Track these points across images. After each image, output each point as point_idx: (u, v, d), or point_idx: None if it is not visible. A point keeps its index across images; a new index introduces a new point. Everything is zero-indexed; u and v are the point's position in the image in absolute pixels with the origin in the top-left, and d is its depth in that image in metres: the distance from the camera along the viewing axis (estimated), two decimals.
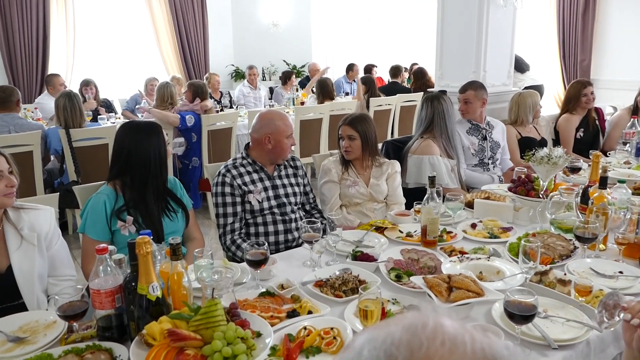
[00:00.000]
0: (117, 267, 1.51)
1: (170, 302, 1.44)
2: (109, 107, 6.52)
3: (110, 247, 1.49)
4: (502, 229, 2.32)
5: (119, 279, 1.47)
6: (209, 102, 5.07)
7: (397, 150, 3.36)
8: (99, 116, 5.53)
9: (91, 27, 8.36)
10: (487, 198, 2.63)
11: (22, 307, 1.81)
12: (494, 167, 3.52)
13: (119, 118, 5.97)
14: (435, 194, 2.15)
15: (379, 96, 6.32)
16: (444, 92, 3.40)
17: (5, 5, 7.41)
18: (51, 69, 7.77)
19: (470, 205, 2.62)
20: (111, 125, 4.63)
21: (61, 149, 4.21)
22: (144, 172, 2.14)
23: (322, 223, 2.07)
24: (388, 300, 1.72)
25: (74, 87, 6.56)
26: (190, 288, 1.47)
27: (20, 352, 1.45)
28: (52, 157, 4.58)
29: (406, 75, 8.21)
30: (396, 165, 2.88)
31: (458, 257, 1.98)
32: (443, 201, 2.34)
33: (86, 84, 6.18)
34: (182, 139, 4.98)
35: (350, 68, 8.33)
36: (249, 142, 2.57)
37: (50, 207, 1.97)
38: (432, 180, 2.15)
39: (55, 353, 1.41)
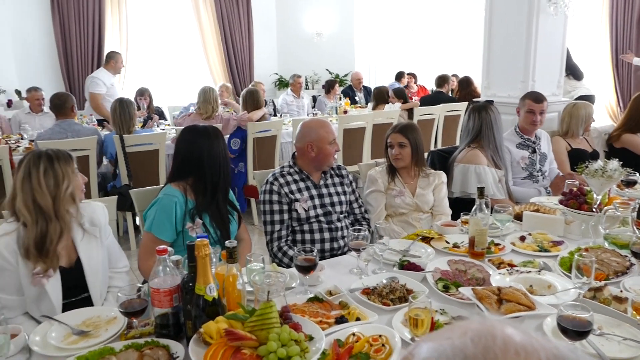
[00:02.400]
0: (175, 267, 1.57)
1: (224, 303, 1.49)
2: (161, 115, 6.77)
3: (169, 249, 1.56)
4: (553, 243, 2.28)
5: (177, 279, 1.53)
6: (259, 113, 5.17)
7: (443, 160, 3.35)
8: (149, 122, 5.74)
9: (143, 37, 8.69)
10: (537, 211, 2.58)
11: (85, 301, 1.90)
12: (543, 179, 3.45)
13: (169, 125, 6.18)
14: (484, 205, 2.13)
15: (415, 105, 6.31)
16: (490, 102, 3.36)
17: (64, 16, 7.82)
18: None
19: (518, 217, 2.58)
20: (161, 132, 4.79)
21: (115, 153, 4.40)
22: (216, 174, 2.22)
23: (369, 231, 2.09)
24: (436, 311, 1.72)
25: (125, 94, 6.84)
26: (244, 290, 1.52)
27: (84, 344, 1.54)
28: (105, 161, 4.78)
29: (453, 84, 8.10)
30: (442, 176, 2.88)
31: (507, 270, 1.96)
32: (491, 212, 2.32)
33: (141, 93, 6.46)
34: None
35: (402, 75, 8.40)
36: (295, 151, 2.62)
37: (102, 203, 2.08)
38: (481, 191, 2.14)
39: (116, 347, 1.48)
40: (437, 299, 1.81)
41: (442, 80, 7.53)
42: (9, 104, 7.46)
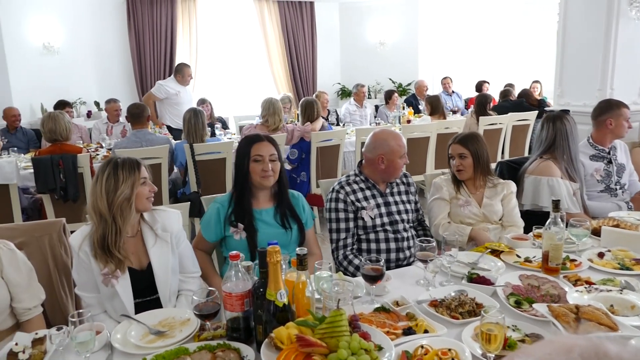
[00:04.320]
0: (246, 272, 1.62)
1: (294, 310, 1.51)
2: (223, 124, 7.00)
3: (242, 254, 1.60)
4: (635, 261, 2.14)
5: (248, 284, 1.57)
6: (318, 123, 5.22)
7: (512, 172, 3.24)
8: (217, 132, 5.95)
9: (211, 49, 9.06)
10: (617, 226, 2.44)
11: (156, 302, 1.99)
12: (622, 192, 3.24)
13: (234, 134, 6.37)
14: (559, 219, 2.04)
15: (490, 115, 6.13)
16: (566, 112, 3.22)
17: (139, 31, 8.30)
18: None
19: (595, 232, 2.45)
20: (228, 141, 4.95)
21: (185, 161, 4.58)
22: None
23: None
24: (508, 327, 1.66)
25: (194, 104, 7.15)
26: (313, 297, 1.54)
27: (161, 344, 1.61)
28: (175, 169, 4.99)
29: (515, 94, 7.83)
30: (512, 185, 2.78)
31: (585, 287, 1.86)
32: (566, 227, 2.22)
33: (202, 102, 6.73)
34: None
35: (443, 80, 8.27)
36: (361, 159, 2.62)
37: (178, 210, 2.16)
38: (556, 204, 2.05)
39: (190, 348, 1.54)
40: (509, 315, 1.74)
41: (506, 93, 7.32)
42: (89, 114, 7.98)
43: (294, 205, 2.38)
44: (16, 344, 1.49)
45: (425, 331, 1.63)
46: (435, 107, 6.31)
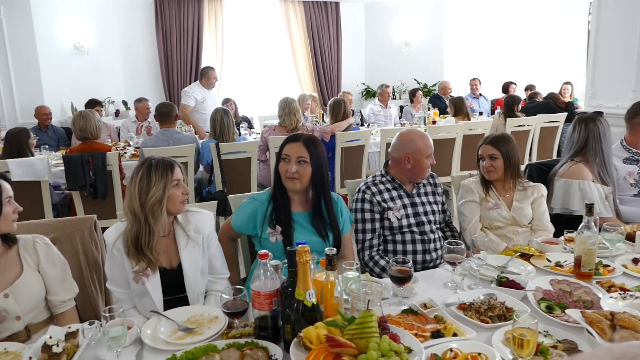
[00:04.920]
0: (274, 272, 1.62)
1: (322, 310, 1.51)
2: (249, 123, 7.05)
3: (270, 254, 1.61)
4: None
5: (276, 283, 1.58)
6: (345, 123, 5.21)
7: (542, 174, 3.18)
8: (242, 132, 5.99)
9: (236, 50, 9.14)
10: None
11: (185, 300, 2.01)
12: None
13: (259, 134, 6.40)
14: (592, 223, 2.00)
15: (518, 116, 6.03)
16: (599, 114, 3.14)
17: (166, 32, 8.42)
18: None
19: (630, 238, 2.38)
20: (254, 141, 4.97)
21: (211, 160, 4.63)
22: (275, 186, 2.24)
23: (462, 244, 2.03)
24: (539, 332, 1.63)
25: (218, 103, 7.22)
26: (341, 298, 1.54)
27: (189, 340, 1.63)
28: (201, 168, 5.04)
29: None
30: (542, 189, 2.73)
31: (620, 294, 1.82)
32: (599, 231, 2.17)
33: (226, 101, 6.79)
34: None
35: (471, 81, 8.16)
36: (388, 160, 2.60)
37: (210, 212, 2.17)
38: (589, 207, 2.00)
39: (219, 345, 1.55)
40: (540, 320, 1.70)
41: (533, 95, 7.20)
42: (117, 113, 8.13)
43: (333, 209, 2.26)
44: (50, 337, 1.52)
45: (454, 334, 1.61)
46: (459, 108, 6.25)
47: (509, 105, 6.18)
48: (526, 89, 8.17)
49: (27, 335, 1.86)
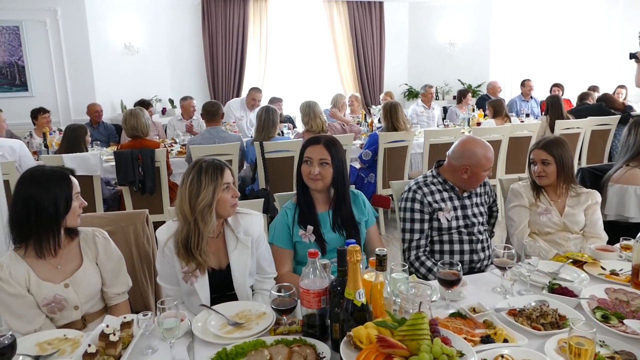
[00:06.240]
0: (323, 270, 1.63)
1: (371, 310, 1.51)
2: (292, 122, 7.12)
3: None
4: None
5: (325, 281, 1.59)
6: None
7: (595, 179, 3.08)
8: (285, 131, 6.05)
9: (280, 49, 9.21)
10: None
11: (233, 298, 2.04)
12: None
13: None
14: None
15: (567, 118, 5.84)
16: None
17: (212, 31, 8.59)
18: (245, 87, 8.80)
19: None
20: (297, 140, 5.00)
21: (255, 158, 4.69)
22: (298, 186, 2.32)
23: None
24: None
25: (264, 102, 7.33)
26: (391, 299, 1.53)
27: (238, 335, 1.66)
28: (245, 166, 5.12)
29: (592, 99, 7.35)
30: (597, 195, 2.63)
31: None
32: None
33: (276, 100, 6.88)
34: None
35: (522, 84, 7.89)
36: (439, 160, 2.56)
37: (260, 214, 2.19)
38: None
39: (267, 341, 1.58)
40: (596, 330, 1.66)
41: (584, 95, 6.94)
42: (163, 111, 8.35)
43: (353, 202, 2.34)
44: (107, 326, 1.58)
45: (505, 340, 1.58)
46: (498, 110, 6.12)
47: (554, 106, 5.97)
48: (590, 90, 7.84)
49: (83, 324, 1.94)
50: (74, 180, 1.91)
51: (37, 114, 5.96)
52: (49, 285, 1.85)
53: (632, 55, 2.70)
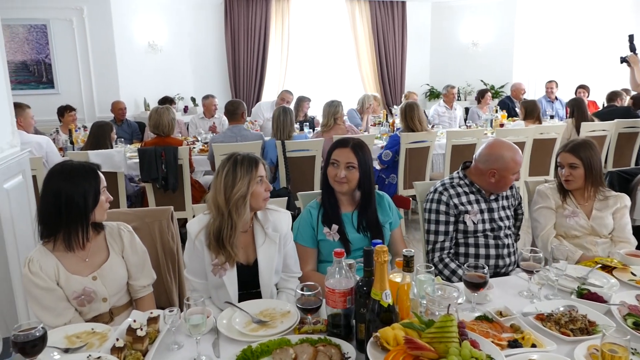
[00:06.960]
0: (349, 270, 1.62)
1: (397, 311, 1.50)
2: (310, 123, 7.11)
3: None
4: None
5: (351, 281, 1.58)
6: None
7: (624, 182, 3.03)
8: (306, 130, 6.05)
9: (301, 49, 9.22)
10: None
11: (257, 295, 2.05)
12: None
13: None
14: None
15: (592, 121, 5.73)
16: None
17: (234, 30, 8.64)
18: (266, 87, 8.84)
19: None
20: (319, 140, 5.00)
21: (276, 158, 4.71)
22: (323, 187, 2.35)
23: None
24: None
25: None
26: (417, 300, 1.52)
27: (263, 333, 1.66)
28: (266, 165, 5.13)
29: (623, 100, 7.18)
30: (626, 199, 2.58)
31: None
32: None
33: (305, 99, 6.94)
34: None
35: (547, 83, 7.79)
36: (465, 162, 2.53)
37: (288, 212, 2.20)
38: None
39: (292, 340, 1.58)
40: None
41: (613, 95, 6.77)
42: (185, 109, 8.43)
43: (378, 205, 2.34)
44: (134, 321, 1.60)
45: (533, 345, 1.55)
46: (530, 112, 5.98)
47: (579, 108, 5.85)
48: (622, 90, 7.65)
49: (110, 317, 1.97)
50: (101, 174, 1.94)
51: (64, 111, 6.07)
52: (77, 278, 1.88)
53: (623, 60, 2.63)
